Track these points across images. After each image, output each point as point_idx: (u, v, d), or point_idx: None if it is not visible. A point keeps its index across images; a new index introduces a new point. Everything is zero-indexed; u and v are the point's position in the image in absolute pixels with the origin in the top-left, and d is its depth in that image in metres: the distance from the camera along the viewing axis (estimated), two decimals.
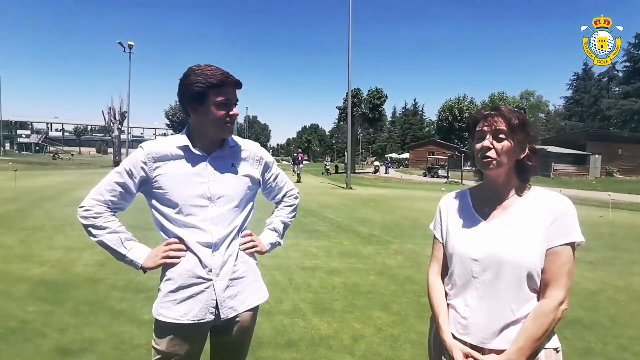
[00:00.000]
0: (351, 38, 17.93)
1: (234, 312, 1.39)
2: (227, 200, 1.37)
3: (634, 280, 4.67)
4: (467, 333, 1.14)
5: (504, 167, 1.12)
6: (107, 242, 1.32)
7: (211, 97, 1.29)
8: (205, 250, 1.33)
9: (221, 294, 1.36)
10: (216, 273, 1.35)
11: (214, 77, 1.27)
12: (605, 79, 56.53)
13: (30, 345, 2.68)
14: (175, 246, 1.33)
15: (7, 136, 63.59)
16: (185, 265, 1.33)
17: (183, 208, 1.32)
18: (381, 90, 37.98)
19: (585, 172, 30.79)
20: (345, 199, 13.21)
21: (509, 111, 1.12)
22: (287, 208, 1.67)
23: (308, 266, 4.86)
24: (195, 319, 1.33)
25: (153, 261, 1.34)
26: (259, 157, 1.50)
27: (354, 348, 2.81)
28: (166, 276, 1.36)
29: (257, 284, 1.47)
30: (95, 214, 1.31)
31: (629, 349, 2.91)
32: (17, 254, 4.94)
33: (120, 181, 1.33)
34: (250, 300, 1.43)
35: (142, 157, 1.33)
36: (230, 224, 1.39)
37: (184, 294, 1.33)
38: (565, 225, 1.08)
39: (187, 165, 1.34)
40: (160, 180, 1.33)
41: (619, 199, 14.35)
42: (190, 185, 1.33)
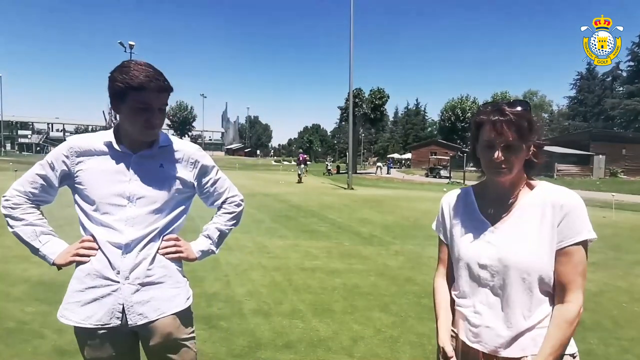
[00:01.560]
0: (352, 37, 17.92)
1: (143, 319, 1.29)
2: (148, 201, 1.30)
3: (636, 281, 4.63)
4: (478, 341, 1.10)
5: (515, 172, 1.07)
6: (21, 234, 1.29)
7: (130, 98, 1.21)
8: (115, 251, 1.26)
9: (128, 298, 1.27)
10: (124, 276, 1.27)
11: (135, 78, 1.19)
12: (609, 78, 56.31)
13: (28, 346, 2.68)
14: (87, 244, 1.28)
15: (7, 136, 63.88)
16: (95, 265, 1.27)
17: (99, 205, 1.27)
18: (383, 90, 37.96)
19: (588, 172, 30.66)
20: (346, 199, 13.19)
21: (515, 115, 1.03)
22: (225, 215, 1.53)
23: (308, 267, 4.84)
24: (99, 323, 1.26)
25: (64, 258, 1.29)
26: (193, 160, 1.40)
27: (352, 349, 2.79)
28: (74, 275, 1.31)
29: (174, 290, 1.36)
30: (14, 204, 1.29)
31: (631, 351, 2.88)
32: (15, 254, 4.94)
33: (41, 173, 1.31)
34: (164, 307, 1.31)
35: (64, 151, 1.30)
36: (148, 226, 1.30)
37: (89, 295, 1.27)
38: (574, 222, 1.03)
39: (110, 161, 1.29)
40: (80, 175, 1.29)
41: (622, 199, 14.26)
42: (109, 183, 1.28)
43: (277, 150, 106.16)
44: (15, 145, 66.53)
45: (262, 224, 7.66)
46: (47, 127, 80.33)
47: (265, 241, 6.13)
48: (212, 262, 4.79)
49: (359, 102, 35.72)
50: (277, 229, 7.22)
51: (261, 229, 7.16)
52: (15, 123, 74.47)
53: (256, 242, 6.05)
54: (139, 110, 1.23)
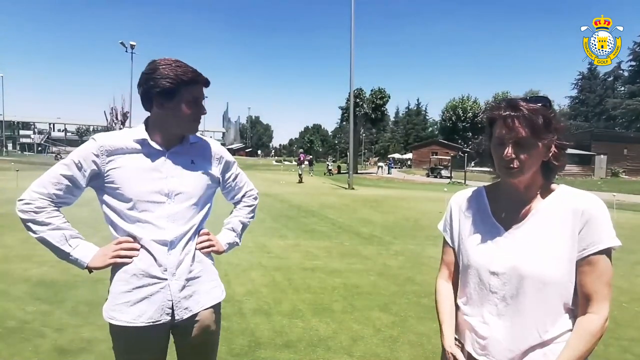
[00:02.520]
0: (353, 37, 17.91)
1: (189, 313, 1.33)
2: (186, 197, 1.32)
3: (636, 281, 4.62)
4: (485, 354, 1.03)
5: (528, 173, 1.00)
6: (49, 239, 1.23)
7: (182, 93, 1.25)
8: (160, 248, 1.27)
9: (177, 294, 1.30)
10: (172, 272, 1.29)
11: (186, 74, 1.24)
12: (610, 78, 56.21)
13: (28, 345, 2.68)
14: (127, 245, 1.26)
15: (9, 136, 63.97)
16: (139, 264, 1.27)
17: (137, 203, 1.26)
18: (383, 90, 37.95)
19: (590, 172, 30.62)
20: (347, 199, 13.18)
21: (530, 110, 0.95)
22: (246, 208, 1.63)
23: (308, 266, 4.84)
24: (150, 321, 1.27)
25: (101, 260, 1.26)
26: (219, 156, 1.45)
27: (352, 349, 2.79)
28: (117, 276, 1.29)
29: (212, 283, 1.42)
30: (37, 208, 1.22)
31: (630, 351, 2.88)
32: (17, 253, 4.96)
33: (66, 173, 1.25)
34: (204, 299, 1.37)
35: (94, 150, 1.26)
36: (188, 221, 1.33)
37: (138, 295, 1.27)
38: (597, 230, 0.95)
39: (144, 159, 1.29)
40: (113, 174, 1.26)
41: (623, 199, 14.23)
42: (146, 180, 1.27)
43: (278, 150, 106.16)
44: (16, 145, 66.63)
45: (263, 224, 7.67)
46: (49, 127, 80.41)
47: (265, 241, 6.14)
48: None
49: (359, 102, 35.72)
50: (278, 229, 7.23)
51: (262, 228, 7.16)
52: (16, 123, 74.54)
53: (256, 241, 6.05)
54: (189, 103, 1.27)
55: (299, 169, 22.36)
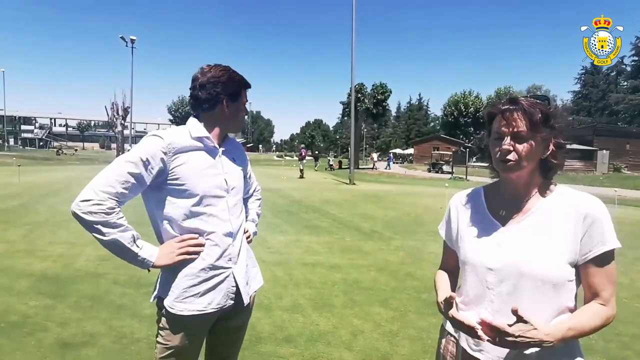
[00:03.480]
0: (354, 32, 17.80)
1: (247, 297, 1.46)
2: (237, 191, 1.45)
3: (637, 277, 4.63)
4: (480, 349, 1.04)
5: (525, 169, 1.00)
6: (122, 241, 1.19)
7: (242, 96, 1.42)
8: (226, 240, 1.37)
9: (241, 280, 1.41)
10: (235, 261, 1.40)
11: (244, 79, 1.41)
12: (613, 73, 55.79)
13: (31, 339, 2.70)
14: (193, 241, 1.30)
15: (10, 131, 63.97)
16: (206, 259, 1.33)
17: (203, 199, 1.32)
18: (385, 85, 37.76)
19: (592, 168, 30.49)
20: (348, 194, 13.18)
21: (529, 104, 0.97)
22: (257, 201, 1.80)
23: (308, 262, 4.86)
24: (218, 306, 1.36)
25: (168, 258, 1.27)
26: (244, 154, 1.60)
27: (352, 343, 2.81)
28: (183, 272, 1.31)
29: (255, 269, 1.56)
30: (108, 209, 1.17)
31: (630, 347, 2.88)
32: (19, 248, 4.99)
33: (134, 172, 1.21)
34: (253, 283, 1.52)
35: (162, 147, 1.25)
36: (241, 213, 1.47)
37: (206, 286, 1.34)
38: (601, 232, 0.96)
39: (206, 156, 1.36)
40: (177, 171, 1.27)
41: (625, 195, 14.17)
42: (209, 176, 1.35)
43: (280, 146, 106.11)
44: (18, 140, 66.74)
45: (264, 219, 7.62)
46: (50, 122, 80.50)
47: (266, 236, 6.15)
48: None
49: (361, 97, 35.57)
50: (279, 224, 7.24)
51: (262, 224, 7.11)
52: (18, 118, 74.60)
53: (257, 237, 5.98)
54: (244, 105, 1.44)
55: (300, 164, 22.35)
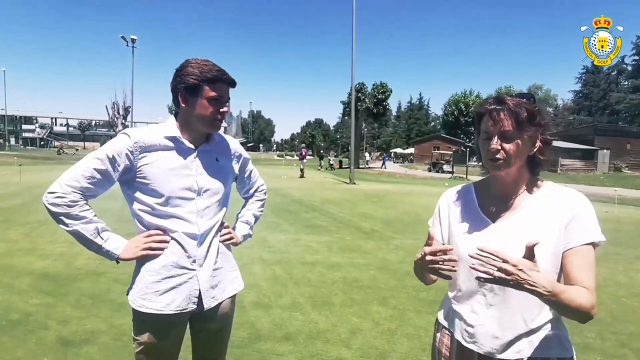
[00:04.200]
0: (355, 31, 17.81)
1: (215, 301, 1.41)
2: (212, 193, 1.39)
3: (636, 276, 4.63)
4: (474, 341, 1.07)
5: (514, 166, 1.03)
6: (83, 233, 1.27)
7: (204, 90, 1.29)
8: (190, 242, 1.34)
9: (204, 284, 1.37)
10: (200, 264, 1.36)
11: (210, 71, 1.29)
12: (614, 72, 55.71)
13: (32, 337, 2.73)
14: (158, 237, 1.31)
15: (11, 131, 64.07)
16: (169, 256, 1.32)
17: (169, 199, 1.31)
18: (385, 85, 37.76)
19: (592, 167, 30.47)
20: (348, 194, 13.20)
21: (515, 104, 1.00)
22: (257, 202, 1.72)
23: (308, 261, 4.88)
24: (178, 309, 1.34)
25: (132, 252, 1.31)
26: (238, 153, 1.54)
27: (350, 341, 2.82)
28: (146, 267, 1.34)
29: (233, 273, 1.50)
30: (70, 202, 1.24)
31: (628, 345, 2.89)
32: (20, 247, 5.01)
33: (100, 167, 1.26)
34: (229, 289, 1.47)
35: (129, 145, 1.28)
36: (214, 216, 1.41)
37: (167, 285, 1.32)
38: (583, 224, 1.00)
39: (176, 156, 1.33)
40: (145, 170, 1.29)
41: (626, 194, 14.17)
42: (178, 177, 1.32)
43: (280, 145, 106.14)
44: (19, 140, 66.82)
45: (264, 219, 7.62)
46: (51, 121, 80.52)
47: (266, 235, 6.17)
48: None
49: (361, 96, 35.58)
50: (279, 224, 7.26)
51: (263, 223, 7.19)
52: (19, 117, 74.66)
53: (257, 236, 6.07)
54: (212, 101, 1.31)
55: (300, 164, 22.36)
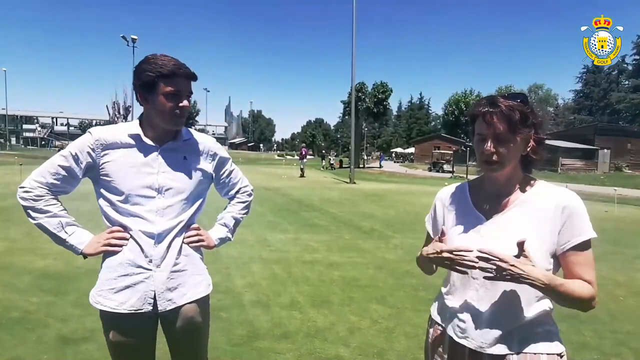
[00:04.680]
0: (355, 30, 17.81)
1: (172, 305, 1.37)
2: (176, 192, 1.36)
3: (634, 275, 4.64)
4: (465, 337, 1.09)
5: (507, 167, 1.05)
6: (46, 226, 1.30)
7: (160, 86, 1.27)
8: (147, 240, 1.32)
9: (160, 285, 1.34)
10: (156, 264, 1.33)
11: (165, 66, 1.26)
12: (614, 72, 55.62)
13: (32, 335, 2.74)
14: (118, 234, 1.32)
15: (12, 130, 64.07)
16: (127, 254, 1.32)
17: (129, 197, 1.31)
18: (386, 84, 37.74)
19: (593, 167, 30.43)
20: (348, 193, 13.21)
21: (507, 106, 1.01)
22: (239, 204, 1.64)
23: (307, 260, 4.89)
24: (132, 309, 1.32)
25: (94, 247, 1.33)
26: (212, 152, 1.48)
27: (348, 340, 2.84)
28: (105, 264, 1.35)
29: (198, 277, 1.44)
30: (35, 196, 1.29)
31: (625, 344, 2.90)
32: (21, 246, 5.04)
33: (64, 164, 1.31)
34: (190, 293, 1.40)
35: (90, 143, 1.31)
36: (177, 216, 1.37)
37: (122, 283, 1.32)
38: (578, 224, 1.02)
39: (137, 154, 1.33)
40: (107, 168, 1.31)
41: (626, 194, 14.17)
42: (138, 175, 1.32)
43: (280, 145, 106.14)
44: (20, 140, 66.86)
45: (264, 218, 7.71)
46: (52, 121, 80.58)
47: (266, 235, 6.19)
48: (213, 255, 4.85)
49: (362, 96, 35.56)
50: (279, 223, 7.27)
51: (262, 222, 7.21)
52: (20, 117, 74.71)
53: (257, 235, 6.10)
54: (169, 97, 1.28)
55: (300, 163, 22.36)
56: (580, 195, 1.12)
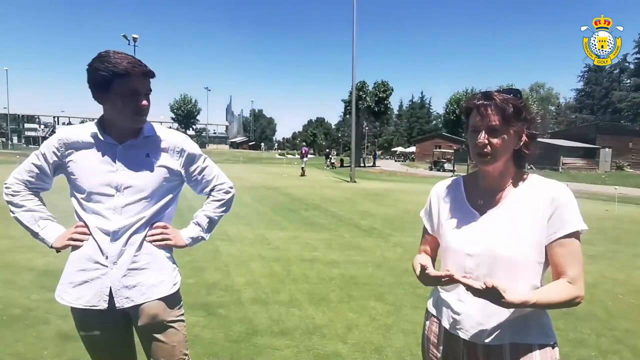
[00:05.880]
0: (355, 29, 17.77)
1: (130, 302, 1.36)
2: (135, 190, 1.35)
3: (633, 273, 4.64)
4: (459, 328, 1.11)
5: (500, 160, 1.07)
6: (21, 219, 1.40)
7: (115, 86, 1.24)
8: (103, 237, 1.34)
9: (116, 282, 1.34)
10: (112, 261, 1.34)
11: (119, 65, 1.22)
12: (616, 70, 55.46)
13: (32, 331, 2.77)
14: (80, 229, 1.37)
15: (14, 129, 64.33)
16: (86, 249, 1.36)
17: (90, 195, 1.34)
18: (387, 83, 37.73)
19: (594, 166, 30.38)
20: (348, 192, 13.22)
21: (502, 100, 1.03)
22: (214, 202, 1.56)
23: (307, 258, 4.90)
24: (87, 305, 1.34)
25: (60, 241, 1.39)
26: (179, 149, 1.44)
27: (346, 336, 2.85)
28: (69, 258, 1.40)
29: (160, 276, 1.41)
30: (13, 192, 1.39)
31: (623, 342, 2.91)
32: (22, 244, 5.05)
33: (36, 163, 1.39)
34: (150, 292, 1.38)
35: (55, 143, 1.36)
36: (136, 214, 1.35)
37: (80, 277, 1.35)
38: (566, 215, 1.03)
39: (97, 153, 1.35)
40: (71, 166, 1.36)
41: (627, 192, 14.10)
42: (97, 173, 1.33)
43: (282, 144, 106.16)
44: (21, 139, 67.02)
45: (264, 216, 7.73)
46: (53, 120, 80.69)
47: (266, 233, 6.20)
48: (213, 253, 4.87)
49: (362, 95, 35.54)
50: (278, 221, 7.29)
51: (262, 221, 7.23)
52: (21, 116, 74.85)
53: (257, 233, 6.12)
54: (126, 96, 1.25)
55: (301, 163, 22.37)
56: (581, 194, 1.13)
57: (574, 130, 37.20)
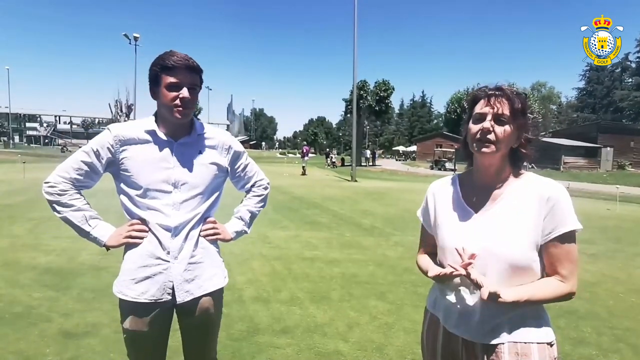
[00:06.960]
0: (356, 29, 17.76)
1: (190, 296, 1.42)
2: (191, 186, 1.40)
3: (634, 272, 4.64)
4: (458, 327, 1.12)
5: (499, 153, 1.06)
6: (71, 219, 1.37)
7: (162, 79, 1.30)
8: (164, 233, 1.37)
9: (177, 277, 1.39)
10: (174, 256, 1.38)
11: (168, 60, 1.29)
12: (618, 69, 55.30)
13: (34, 329, 2.78)
14: (138, 227, 1.37)
15: (15, 129, 64.38)
16: (146, 246, 1.37)
17: (147, 191, 1.36)
18: (388, 82, 37.69)
19: (596, 165, 30.32)
20: (349, 191, 13.22)
21: (512, 93, 1.06)
22: (255, 197, 1.67)
23: (307, 256, 4.91)
24: (152, 298, 1.38)
25: (116, 239, 1.39)
26: (227, 146, 1.51)
27: (347, 335, 2.86)
28: (127, 255, 1.41)
29: (214, 269, 1.49)
30: (60, 191, 1.35)
31: (624, 340, 2.91)
32: (24, 242, 5.08)
33: (87, 160, 1.37)
34: (206, 285, 1.45)
35: (109, 139, 1.36)
36: (193, 210, 1.41)
37: (142, 274, 1.37)
38: (560, 214, 1.03)
39: (153, 149, 1.37)
40: (126, 163, 1.36)
41: (628, 192, 14.09)
42: (155, 170, 1.36)
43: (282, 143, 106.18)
44: (23, 138, 67.12)
45: (265, 215, 7.73)
46: (55, 119, 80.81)
47: (267, 232, 6.21)
48: None
49: (363, 94, 35.54)
50: (279, 220, 7.29)
51: (263, 220, 7.23)
52: (23, 115, 74.97)
53: (258, 232, 6.12)
54: (170, 87, 1.30)
55: (302, 162, 22.37)
56: (582, 193, 1.14)
57: (576, 129, 37.12)
